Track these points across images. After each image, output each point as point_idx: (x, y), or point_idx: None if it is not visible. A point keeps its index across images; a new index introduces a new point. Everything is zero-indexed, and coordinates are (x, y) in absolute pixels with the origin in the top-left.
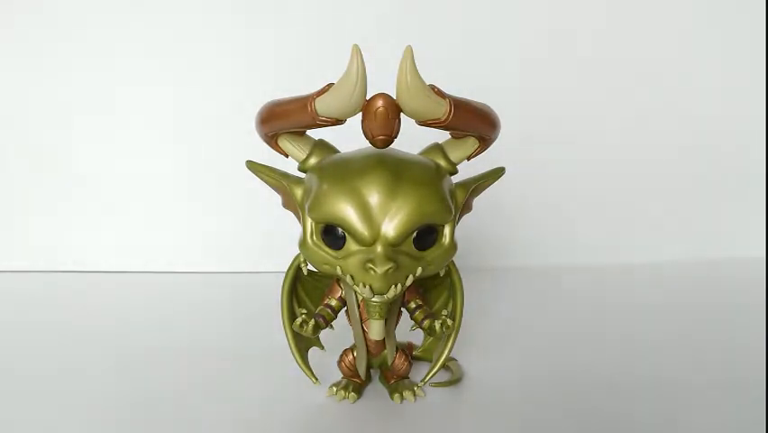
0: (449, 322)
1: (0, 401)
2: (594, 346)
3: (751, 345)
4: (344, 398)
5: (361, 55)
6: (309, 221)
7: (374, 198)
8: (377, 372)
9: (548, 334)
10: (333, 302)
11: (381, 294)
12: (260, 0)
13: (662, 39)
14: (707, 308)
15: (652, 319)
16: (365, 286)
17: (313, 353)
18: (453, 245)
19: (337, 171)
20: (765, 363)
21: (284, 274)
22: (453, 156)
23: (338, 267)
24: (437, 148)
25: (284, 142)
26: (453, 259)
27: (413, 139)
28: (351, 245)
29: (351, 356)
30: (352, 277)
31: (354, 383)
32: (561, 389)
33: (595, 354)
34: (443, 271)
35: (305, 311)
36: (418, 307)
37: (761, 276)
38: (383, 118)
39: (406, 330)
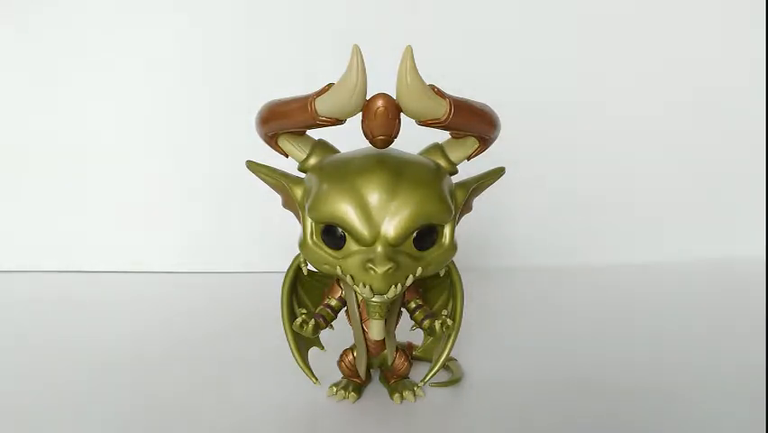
0: (449, 322)
1: None
2: (594, 346)
3: (751, 345)
4: (344, 398)
5: (361, 55)
6: (309, 221)
7: (374, 198)
8: (377, 372)
9: (548, 334)
10: (333, 302)
11: (381, 294)
12: (262, 0)
13: (661, 39)
14: (707, 308)
15: (651, 319)
16: (365, 286)
17: (313, 353)
18: (453, 245)
19: (337, 171)
20: (765, 363)
21: (284, 274)
22: (453, 156)
23: (338, 267)
24: (437, 148)
25: (284, 143)
26: (453, 259)
27: (413, 139)
28: (351, 245)
29: (351, 356)
30: (352, 277)
31: (354, 383)
32: (560, 389)
33: (595, 353)
34: (443, 271)
35: (305, 311)
36: (418, 307)
37: (761, 276)
38: (383, 118)
39: (407, 330)
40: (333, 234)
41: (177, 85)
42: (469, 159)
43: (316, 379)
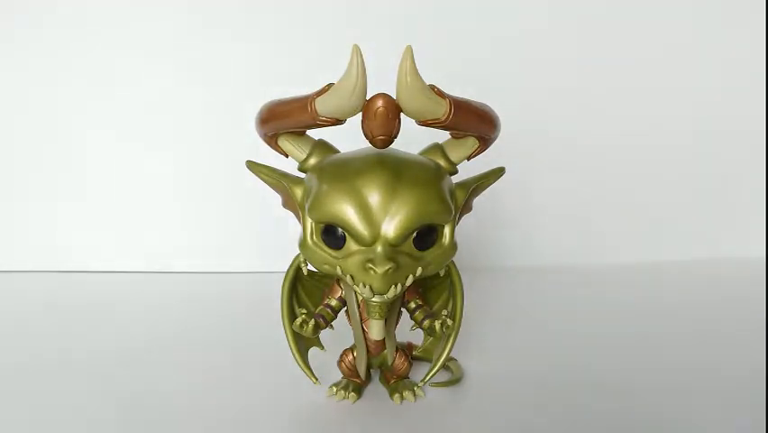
0: (449, 322)
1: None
2: (594, 346)
3: (751, 345)
4: (344, 398)
5: (361, 55)
6: (309, 221)
7: (374, 198)
8: (377, 372)
9: (548, 334)
10: (333, 302)
11: (381, 294)
12: (261, 0)
13: (663, 39)
14: (707, 308)
15: (651, 319)
16: (365, 286)
17: (313, 353)
18: (453, 245)
19: (337, 171)
20: (765, 363)
21: (284, 274)
22: (453, 156)
23: (338, 267)
24: (437, 148)
25: (284, 143)
26: (453, 259)
27: (413, 139)
28: (351, 245)
29: (351, 356)
30: (352, 277)
31: (354, 383)
32: (561, 389)
33: (594, 353)
34: (443, 271)
35: (305, 311)
36: (418, 307)
37: (761, 276)
38: (383, 118)
39: (407, 330)
40: (333, 235)
41: (175, 84)
42: (469, 159)
43: (316, 379)
